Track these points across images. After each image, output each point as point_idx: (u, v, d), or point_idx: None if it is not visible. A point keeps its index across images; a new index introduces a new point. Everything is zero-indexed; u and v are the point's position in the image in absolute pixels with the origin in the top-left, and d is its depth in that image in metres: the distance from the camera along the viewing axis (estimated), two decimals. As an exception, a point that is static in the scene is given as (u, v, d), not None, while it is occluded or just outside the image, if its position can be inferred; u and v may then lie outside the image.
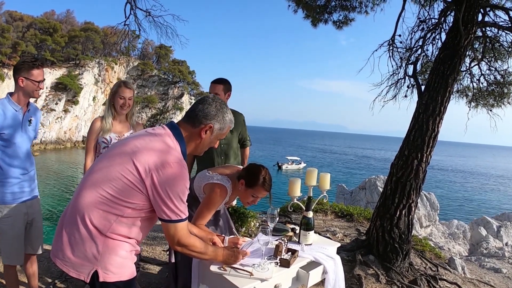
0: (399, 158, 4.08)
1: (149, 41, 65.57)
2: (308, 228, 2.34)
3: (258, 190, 2.26)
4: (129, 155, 1.46)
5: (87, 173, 1.56)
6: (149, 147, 1.48)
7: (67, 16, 65.74)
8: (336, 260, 2.28)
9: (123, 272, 1.51)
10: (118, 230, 1.47)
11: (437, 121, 3.92)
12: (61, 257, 1.46)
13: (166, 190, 1.45)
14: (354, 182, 27.98)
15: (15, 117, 2.43)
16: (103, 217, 1.44)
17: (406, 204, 3.97)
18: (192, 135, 1.66)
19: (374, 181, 13.33)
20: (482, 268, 5.99)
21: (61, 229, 1.49)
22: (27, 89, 2.44)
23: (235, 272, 1.86)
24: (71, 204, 1.52)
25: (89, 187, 1.47)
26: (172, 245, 1.59)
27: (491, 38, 4.63)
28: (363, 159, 76.38)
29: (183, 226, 1.55)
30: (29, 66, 2.43)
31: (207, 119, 1.65)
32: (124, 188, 1.44)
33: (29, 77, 2.42)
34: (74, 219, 1.46)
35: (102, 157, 1.58)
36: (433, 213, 11.26)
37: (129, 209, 1.46)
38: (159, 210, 1.48)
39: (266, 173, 2.28)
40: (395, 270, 3.81)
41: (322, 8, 5.05)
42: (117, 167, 1.45)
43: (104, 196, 1.44)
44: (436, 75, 3.96)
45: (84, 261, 1.44)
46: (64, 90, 50.14)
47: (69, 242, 1.45)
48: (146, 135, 1.56)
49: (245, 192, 2.29)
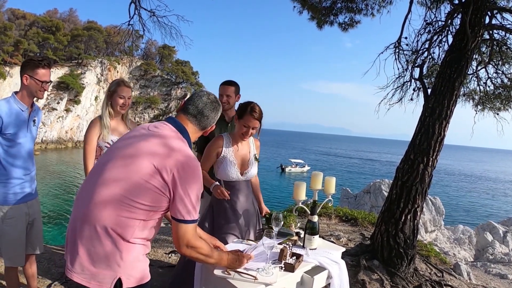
0: (404, 162, 4.04)
1: (152, 41, 65.13)
2: (313, 232, 2.32)
3: (247, 119, 2.48)
4: (147, 160, 1.43)
5: (95, 180, 1.47)
6: (166, 148, 1.48)
7: (70, 15, 65.41)
8: (341, 265, 2.26)
9: (142, 276, 1.51)
10: (140, 234, 1.46)
11: (443, 124, 3.88)
12: (79, 270, 1.40)
13: (186, 187, 1.45)
14: (358, 186, 27.83)
15: (20, 116, 2.41)
16: (126, 224, 1.41)
17: (412, 208, 3.93)
18: (195, 133, 1.70)
19: (379, 185, 13.24)
20: (488, 274, 5.91)
21: (74, 241, 1.42)
22: (31, 88, 2.41)
23: (239, 276, 1.84)
24: (83, 214, 1.43)
25: (108, 197, 1.40)
26: (181, 246, 1.53)
27: (499, 41, 4.58)
28: (367, 162, 76.05)
29: (194, 228, 1.54)
30: (35, 65, 2.39)
31: (212, 123, 1.77)
32: (148, 193, 1.41)
33: (34, 76, 2.38)
34: (92, 230, 1.39)
35: (110, 161, 1.50)
36: (439, 218, 11.15)
37: (151, 212, 1.46)
38: (175, 209, 1.47)
39: (254, 104, 2.52)
40: (399, 276, 3.77)
41: (328, 10, 5.03)
42: (138, 174, 1.42)
43: (125, 202, 1.40)
44: (442, 78, 3.92)
45: (107, 271, 1.40)
46: (66, 89, 49.96)
47: (88, 253, 1.39)
48: (155, 135, 1.53)
49: (239, 125, 2.54)
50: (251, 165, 2.63)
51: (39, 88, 2.42)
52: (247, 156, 2.64)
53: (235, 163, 2.56)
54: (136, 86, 60.25)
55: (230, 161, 2.54)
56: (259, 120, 2.51)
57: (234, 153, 2.57)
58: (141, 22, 4.28)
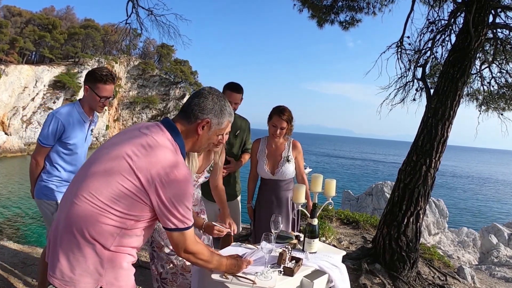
0: (407, 164, 3.99)
1: (150, 40, 64.23)
2: (313, 235, 2.28)
3: (275, 119, 2.87)
4: (128, 164, 1.35)
5: (77, 183, 1.41)
6: (150, 154, 1.37)
7: (67, 13, 63.90)
8: (342, 268, 2.22)
9: (126, 285, 1.44)
10: (122, 243, 1.39)
11: (446, 125, 3.84)
12: (59, 276, 1.34)
13: (172, 200, 1.37)
14: (360, 188, 27.69)
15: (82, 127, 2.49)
16: (105, 231, 1.34)
17: (414, 211, 3.88)
18: (189, 132, 1.55)
19: (381, 187, 13.16)
20: (493, 277, 5.82)
21: (55, 246, 1.37)
22: (89, 100, 2.44)
23: (237, 280, 1.81)
24: (63, 216, 1.37)
25: (84, 197, 1.34)
26: (179, 252, 1.50)
27: (502, 40, 4.52)
28: (370, 163, 75.72)
29: (191, 233, 1.48)
30: (97, 78, 2.40)
31: (204, 113, 1.54)
32: (127, 200, 1.34)
33: (94, 89, 2.40)
34: (71, 234, 1.33)
35: (93, 160, 1.44)
36: (442, 220, 11.07)
37: (132, 221, 1.38)
38: (165, 220, 1.40)
39: (284, 107, 2.87)
40: (402, 280, 3.72)
41: (329, 8, 4.99)
42: (116, 177, 1.34)
43: (104, 209, 1.33)
44: (445, 78, 3.88)
45: (87, 278, 1.34)
46: (62, 88, 48.36)
47: (68, 259, 1.33)
48: (142, 136, 1.42)
49: (269, 126, 2.91)
50: (282, 165, 2.94)
51: (98, 103, 2.45)
52: (279, 157, 2.98)
53: (266, 162, 2.99)
54: (134, 86, 59.52)
55: (262, 161, 3.00)
56: (286, 121, 2.87)
57: (266, 154, 3.02)
58: (138, 21, 4.25)
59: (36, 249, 3.91)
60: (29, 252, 3.79)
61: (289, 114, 2.89)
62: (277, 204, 2.99)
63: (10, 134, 39.61)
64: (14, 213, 18.56)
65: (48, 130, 2.40)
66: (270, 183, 3.01)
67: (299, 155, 3.07)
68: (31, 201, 19.37)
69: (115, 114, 56.11)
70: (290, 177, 3.02)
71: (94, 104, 2.47)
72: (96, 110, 2.53)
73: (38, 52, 50.02)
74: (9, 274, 3.24)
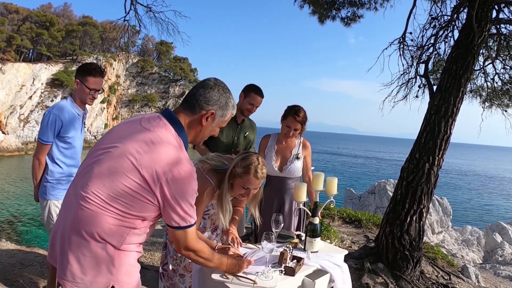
0: (409, 162, 3.95)
1: (149, 37, 61.44)
2: (315, 235, 2.26)
3: (290, 120, 2.79)
4: (131, 163, 1.32)
5: (81, 183, 1.37)
6: (153, 151, 1.34)
7: (64, 10, 62.88)
8: (344, 268, 2.20)
9: (133, 282, 1.45)
10: (131, 241, 1.40)
11: (449, 122, 3.80)
12: (70, 279, 1.34)
13: (176, 198, 1.36)
14: (362, 186, 27.57)
15: (76, 120, 2.58)
16: (115, 231, 1.34)
17: (417, 209, 3.84)
18: (192, 123, 1.51)
19: (383, 185, 13.09)
20: (497, 276, 5.78)
21: (63, 248, 1.36)
22: (79, 93, 2.54)
23: (238, 280, 1.80)
24: (70, 218, 1.35)
25: (90, 199, 1.31)
26: (179, 250, 1.49)
27: (506, 36, 4.48)
28: (372, 161, 75.44)
29: (192, 231, 1.47)
30: (86, 71, 2.52)
31: (209, 104, 1.50)
32: (134, 202, 1.33)
33: (84, 82, 2.51)
34: (80, 236, 1.32)
35: (96, 158, 1.39)
36: (446, 219, 11.01)
37: (139, 220, 1.38)
38: (168, 218, 1.39)
39: (299, 108, 2.77)
40: (405, 279, 3.69)
41: (330, 4, 4.94)
42: (120, 177, 1.31)
43: (111, 211, 1.32)
44: (448, 74, 3.84)
45: (99, 278, 1.35)
46: (60, 86, 47.43)
47: (78, 261, 1.33)
48: (145, 132, 1.38)
49: (282, 125, 2.86)
50: (291, 163, 2.92)
51: (88, 95, 2.55)
52: (288, 154, 2.96)
53: (274, 159, 2.94)
54: (132, 84, 58.96)
55: (270, 157, 2.96)
56: (300, 122, 2.84)
57: (275, 151, 2.98)
58: (137, 18, 4.23)
59: (34, 250, 3.89)
60: (27, 253, 3.77)
61: (304, 115, 2.85)
62: (281, 203, 2.94)
63: (7, 133, 39.40)
64: (12, 214, 18.48)
65: (47, 128, 2.48)
66: (276, 181, 2.95)
67: (308, 155, 3.03)
68: (29, 201, 19.41)
69: (114, 112, 55.71)
70: (297, 175, 2.97)
71: (84, 97, 2.56)
72: (86, 102, 2.61)
73: (35, 50, 49.42)
74: (6, 275, 3.21)
